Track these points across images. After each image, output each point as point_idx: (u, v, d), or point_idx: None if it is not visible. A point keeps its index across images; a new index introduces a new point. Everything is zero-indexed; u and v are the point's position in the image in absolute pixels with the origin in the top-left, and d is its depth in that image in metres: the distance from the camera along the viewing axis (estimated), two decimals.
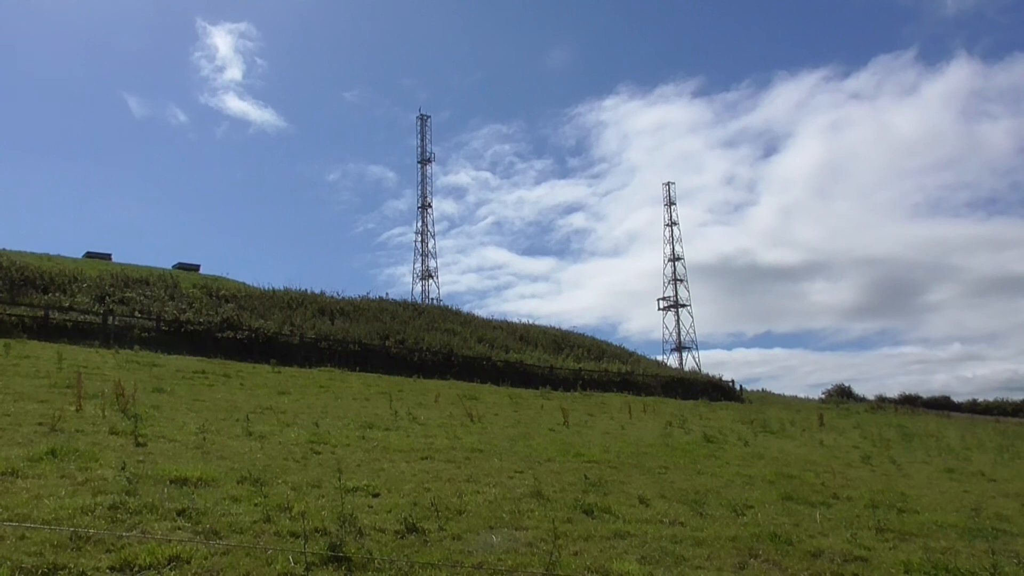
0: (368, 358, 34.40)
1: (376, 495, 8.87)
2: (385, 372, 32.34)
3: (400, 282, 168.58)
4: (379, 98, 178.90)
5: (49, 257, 41.17)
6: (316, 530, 6.83)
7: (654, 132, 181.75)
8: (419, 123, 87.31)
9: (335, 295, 44.82)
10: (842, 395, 66.62)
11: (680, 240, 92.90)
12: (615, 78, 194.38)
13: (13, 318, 27.52)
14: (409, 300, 54.55)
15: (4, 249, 38.52)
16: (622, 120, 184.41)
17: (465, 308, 54.84)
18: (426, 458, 11.97)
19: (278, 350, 31.67)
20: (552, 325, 55.85)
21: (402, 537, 7.16)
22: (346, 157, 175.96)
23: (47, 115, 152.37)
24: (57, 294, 31.66)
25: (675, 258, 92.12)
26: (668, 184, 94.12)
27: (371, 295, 48.10)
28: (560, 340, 50.05)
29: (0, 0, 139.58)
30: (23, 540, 5.85)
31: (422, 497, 8.89)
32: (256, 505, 7.63)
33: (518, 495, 9.60)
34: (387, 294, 53.18)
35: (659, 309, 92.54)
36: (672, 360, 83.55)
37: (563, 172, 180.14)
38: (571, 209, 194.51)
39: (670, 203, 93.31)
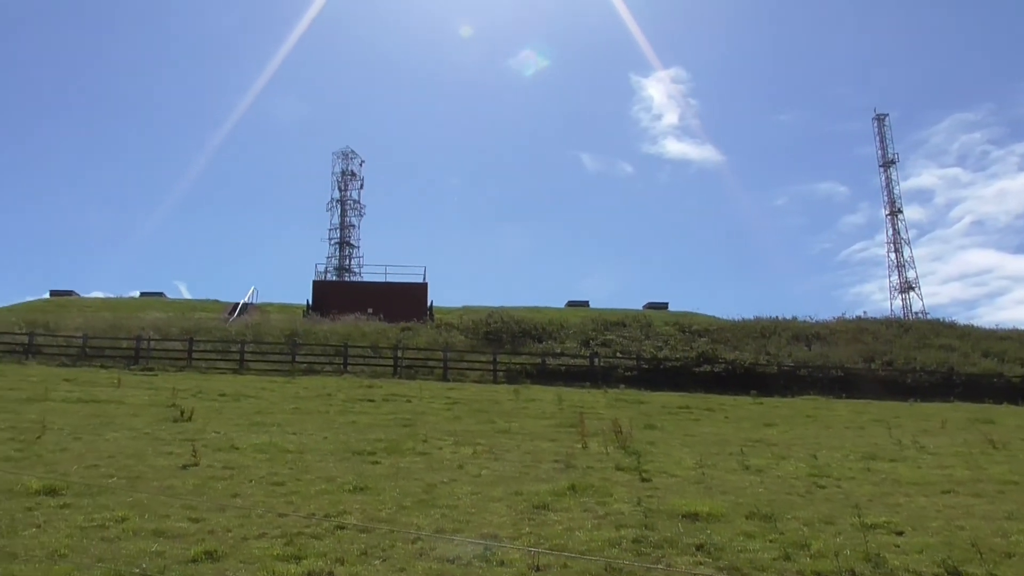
0: (852, 383, 32.23)
1: (900, 533, 8.00)
2: (874, 397, 29.95)
3: (869, 300, 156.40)
4: (815, 114, 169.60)
5: (538, 309, 46.63)
6: (845, 570, 6.31)
7: None
8: (875, 125, 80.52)
9: (807, 319, 43.14)
10: None
11: None
12: None
13: (517, 365, 31.43)
14: (890, 317, 50.19)
15: (504, 306, 44.52)
16: None
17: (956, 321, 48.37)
18: (947, 492, 10.61)
19: (755, 380, 31.23)
20: None
21: None
22: (790, 179, 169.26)
23: (529, 184, 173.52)
24: (549, 342, 35.49)
25: None
26: None
27: (846, 315, 45.31)
28: None
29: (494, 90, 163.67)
30: (565, 569, 6.32)
31: (955, 536, 7.83)
32: (771, 541, 7.34)
33: None
34: (864, 312, 49.36)
35: None
36: None
37: None
38: None
39: None
